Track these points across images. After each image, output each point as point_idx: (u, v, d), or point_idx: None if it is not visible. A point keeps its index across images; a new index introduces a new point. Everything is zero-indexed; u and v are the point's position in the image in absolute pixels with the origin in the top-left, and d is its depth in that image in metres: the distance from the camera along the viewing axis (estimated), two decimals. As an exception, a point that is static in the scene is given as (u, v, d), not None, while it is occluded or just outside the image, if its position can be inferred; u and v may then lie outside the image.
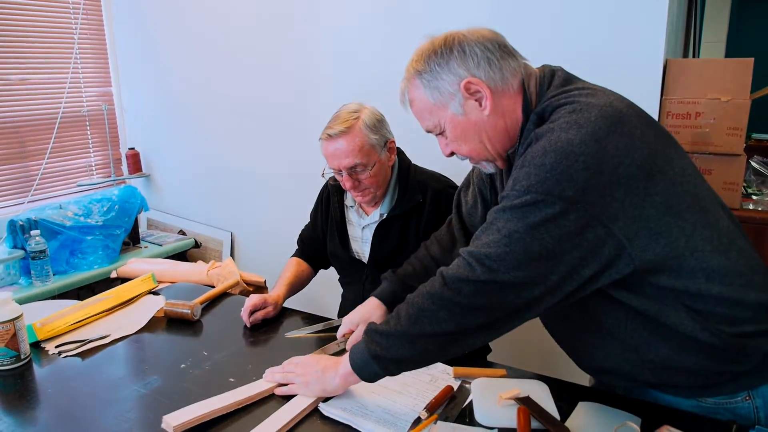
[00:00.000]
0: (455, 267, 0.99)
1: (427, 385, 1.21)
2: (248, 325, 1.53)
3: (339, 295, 1.88)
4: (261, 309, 1.55)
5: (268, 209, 2.92)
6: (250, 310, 1.53)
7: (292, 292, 1.74)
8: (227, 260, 2.03)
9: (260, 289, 1.97)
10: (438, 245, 1.41)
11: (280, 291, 1.67)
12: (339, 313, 1.83)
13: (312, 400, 1.14)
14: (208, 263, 2.03)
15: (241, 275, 1.92)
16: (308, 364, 1.19)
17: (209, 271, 1.97)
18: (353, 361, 1.09)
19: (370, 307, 1.36)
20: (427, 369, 1.27)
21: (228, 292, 1.81)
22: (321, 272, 1.89)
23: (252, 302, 1.54)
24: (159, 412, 1.09)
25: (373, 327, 1.07)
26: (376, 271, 1.63)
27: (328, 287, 2.06)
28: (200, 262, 2.09)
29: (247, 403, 1.15)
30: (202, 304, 1.64)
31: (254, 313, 1.54)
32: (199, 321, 1.58)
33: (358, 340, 1.29)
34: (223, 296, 1.77)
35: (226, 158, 3.00)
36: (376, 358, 1.04)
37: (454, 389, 1.18)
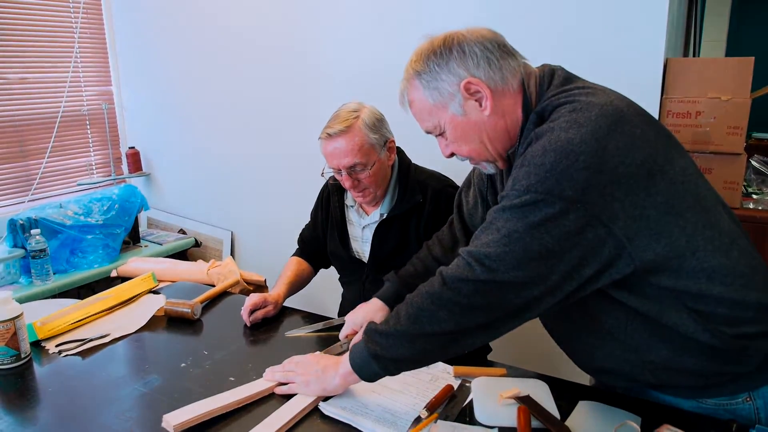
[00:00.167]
0: (455, 267, 0.98)
1: (428, 384, 1.21)
2: (248, 324, 1.53)
3: (339, 295, 1.88)
4: (261, 308, 1.55)
5: (268, 208, 2.92)
6: (250, 309, 1.53)
7: (293, 292, 1.74)
8: (227, 259, 2.03)
9: (260, 288, 1.97)
10: (440, 245, 1.42)
11: (281, 290, 1.67)
12: (339, 313, 1.83)
13: (312, 399, 1.14)
14: (209, 262, 2.03)
15: (241, 274, 1.92)
16: (308, 363, 1.19)
17: (209, 270, 1.97)
18: (353, 361, 1.09)
19: (373, 308, 1.36)
20: (427, 368, 1.27)
21: (228, 291, 1.81)
22: (321, 272, 1.89)
23: (252, 301, 1.54)
24: (159, 411, 1.09)
25: (372, 327, 1.07)
26: (377, 271, 1.63)
27: (328, 287, 2.06)
28: (200, 261, 2.10)
29: (247, 402, 1.15)
30: (202, 303, 1.64)
31: (254, 312, 1.54)
32: (199, 320, 1.59)
33: None
34: (223, 295, 1.77)
35: (227, 157, 3.00)
36: (375, 358, 1.04)
37: (454, 388, 1.18)
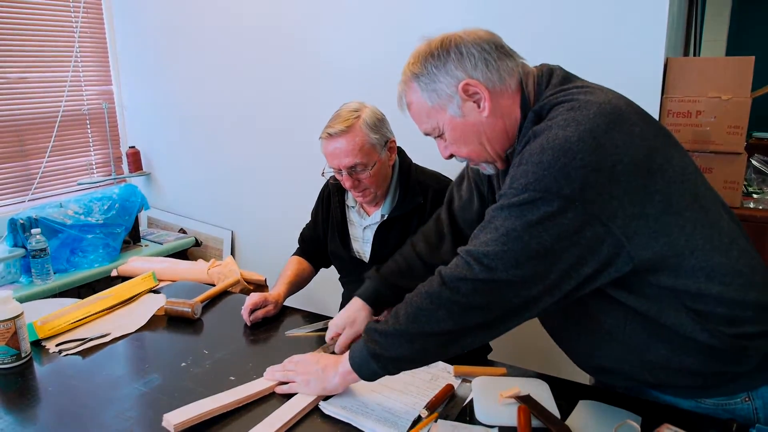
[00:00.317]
0: (453, 266, 0.98)
1: (428, 383, 1.21)
2: (248, 323, 1.53)
3: (339, 294, 1.88)
4: (261, 307, 1.55)
5: (268, 208, 2.92)
6: (251, 308, 1.53)
7: (293, 291, 1.74)
8: (228, 259, 2.03)
9: (261, 287, 1.96)
10: (424, 241, 1.39)
11: (281, 289, 1.67)
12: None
13: (312, 398, 1.14)
14: (209, 262, 2.03)
15: (241, 274, 1.91)
16: (308, 362, 1.19)
17: (210, 269, 1.97)
18: (352, 360, 1.09)
19: (354, 309, 1.34)
20: (427, 367, 1.27)
21: (228, 290, 1.81)
22: (321, 271, 1.89)
23: (252, 301, 1.54)
24: (159, 411, 1.09)
25: (372, 326, 1.07)
26: (377, 271, 1.63)
27: (328, 286, 2.06)
28: (201, 261, 2.09)
29: (248, 402, 1.15)
30: (202, 302, 1.64)
31: (254, 311, 1.54)
32: (199, 319, 1.59)
33: (345, 344, 1.29)
34: (223, 295, 1.77)
35: (227, 157, 3.00)
36: (375, 357, 1.04)
37: (454, 388, 1.18)
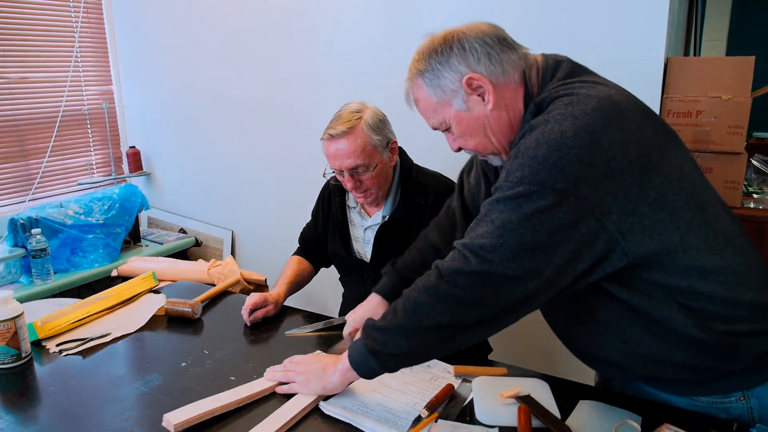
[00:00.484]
0: (450, 259, 0.99)
1: (428, 383, 1.21)
2: (248, 323, 1.53)
3: (340, 294, 1.88)
4: (261, 307, 1.55)
5: (268, 208, 2.92)
6: (251, 308, 1.53)
7: (293, 291, 1.74)
8: (228, 259, 2.03)
9: (261, 287, 1.96)
10: (438, 232, 1.40)
11: (281, 289, 1.67)
12: (340, 312, 1.83)
13: (312, 398, 1.14)
14: (209, 262, 2.03)
15: (241, 273, 1.92)
16: (309, 362, 1.20)
17: (210, 269, 1.97)
18: (351, 358, 1.09)
19: (372, 304, 1.36)
20: (427, 367, 1.27)
21: (229, 290, 1.81)
22: (322, 271, 1.89)
23: (252, 301, 1.54)
24: (160, 411, 1.09)
25: (370, 323, 1.08)
26: (378, 271, 1.63)
27: (328, 286, 2.06)
28: (201, 261, 2.09)
29: (248, 402, 1.15)
30: (202, 302, 1.64)
31: (255, 311, 1.54)
32: (199, 319, 1.59)
33: None
34: (223, 295, 1.77)
35: (227, 156, 3.00)
36: (373, 354, 1.05)
37: (454, 388, 1.18)
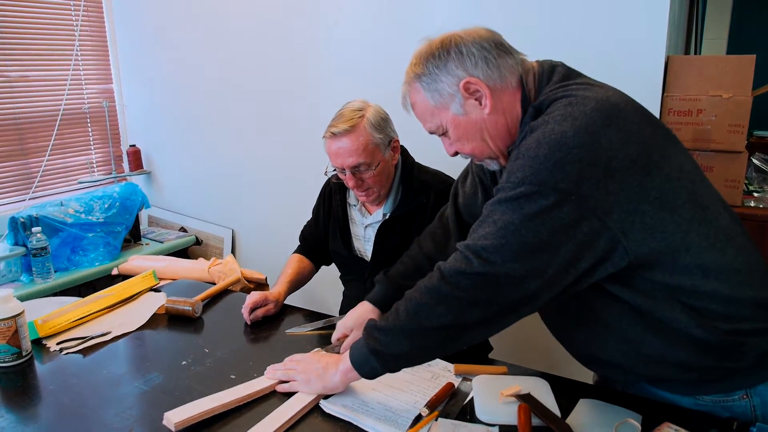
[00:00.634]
0: (452, 261, 0.99)
1: (428, 382, 1.22)
2: (249, 322, 1.53)
3: (340, 293, 1.88)
4: (262, 306, 1.55)
5: (269, 206, 2.92)
6: (251, 307, 1.53)
7: (294, 289, 1.74)
8: (228, 257, 2.03)
9: (261, 286, 1.96)
10: (431, 241, 1.40)
11: (281, 288, 1.66)
12: (340, 311, 1.83)
13: (313, 397, 1.14)
14: (209, 260, 2.03)
15: (242, 272, 1.91)
16: (309, 361, 1.20)
17: (210, 268, 1.97)
18: (353, 358, 1.10)
19: (363, 312, 1.35)
20: (428, 366, 1.27)
21: (229, 289, 1.81)
22: (322, 269, 1.89)
23: (253, 300, 1.54)
24: (160, 409, 1.09)
25: (372, 323, 1.08)
26: (379, 270, 1.63)
27: (329, 285, 2.06)
28: (201, 260, 2.09)
29: (249, 400, 1.15)
30: (203, 301, 1.64)
31: (255, 310, 1.54)
32: (200, 318, 1.59)
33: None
34: (224, 293, 1.77)
35: (227, 155, 3.00)
36: (375, 354, 1.05)
37: (455, 386, 1.18)
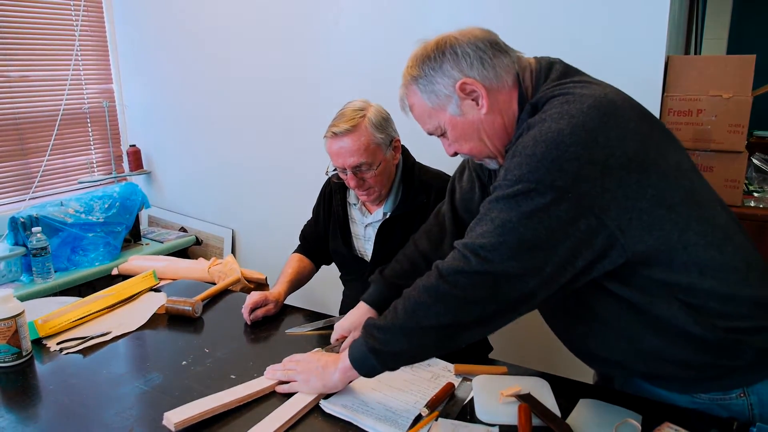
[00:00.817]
0: (450, 259, 0.99)
1: (428, 382, 1.22)
2: (249, 322, 1.53)
3: (340, 293, 1.88)
4: (262, 306, 1.55)
5: (269, 206, 2.92)
6: (251, 307, 1.53)
7: (294, 289, 1.74)
8: (228, 257, 2.03)
9: (261, 286, 1.96)
10: (427, 239, 1.40)
11: (281, 288, 1.66)
12: (340, 311, 1.83)
13: (313, 397, 1.14)
14: (209, 260, 2.03)
15: (242, 272, 1.91)
16: (309, 361, 1.20)
17: (210, 268, 1.97)
18: (352, 356, 1.10)
19: (360, 313, 1.36)
20: (428, 366, 1.27)
21: (229, 289, 1.81)
22: (322, 269, 1.89)
23: (253, 300, 1.54)
24: (160, 409, 1.09)
25: (371, 322, 1.08)
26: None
27: (329, 285, 2.06)
28: (201, 260, 2.09)
29: (248, 401, 1.15)
30: (203, 301, 1.64)
31: (255, 310, 1.53)
32: (200, 318, 1.59)
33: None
34: (224, 293, 1.77)
35: (227, 155, 3.00)
36: (373, 352, 1.05)
37: (455, 386, 1.18)
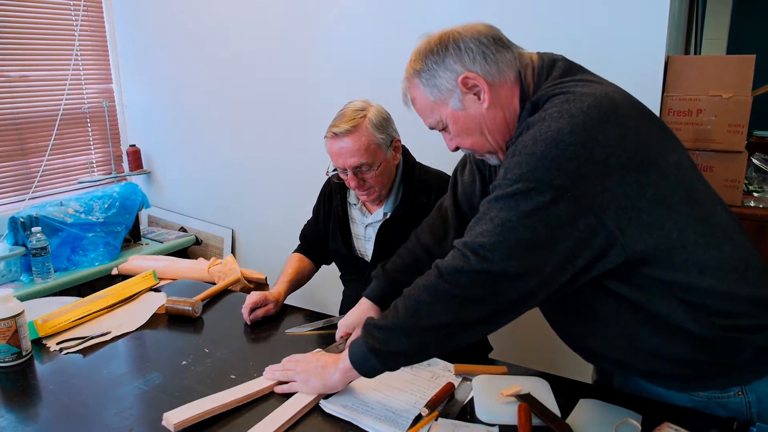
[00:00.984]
0: (450, 258, 0.99)
1: (428, 381, 1.22)
2: (248, 322, 1.53)
3: (340, 293, 1.88)
4: (261, 306, 1.55)
5: (269, 206, 2.92)
6: (251, 307, 1.53)
7: (294, 289, 1.74)
8: (228, 257, 2.03)
9: (261, 286, 1.96)
10: (429, 233, 1.39)
11: (281, 288, 1.66)
12: (340, 311, 1.83)
13: (313, 397, 1.14)
14: (209, 260, 2.03)
15: (241, 272, 1.91)
16: (308, 361, 1.20)
17: (210, 268, 1.97)
18: (352, 356, 1.10)
19: (363, 309, 1.35)
20: (428, 366, 1.27)
21: (229, 289, 1.81)
22: (322, 269, 1.89)
23: (252, 300, 1.54)
24: (160, 409, 1.09)
25: (371, 322, 1.08)
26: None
27: (329, 285, 2.06)
28: (201, 259, 2.09)
29: (248, 401, 1.15)
30: (203, 301, 1.64)
31: (255, 310, 1.53)
32: (200, 318, 1.59)
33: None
34: (224, 293, 1.77)
35: (227, 155, 3.00)
36: (374, 352, 1.05)
37: (455, 386, 1.18)
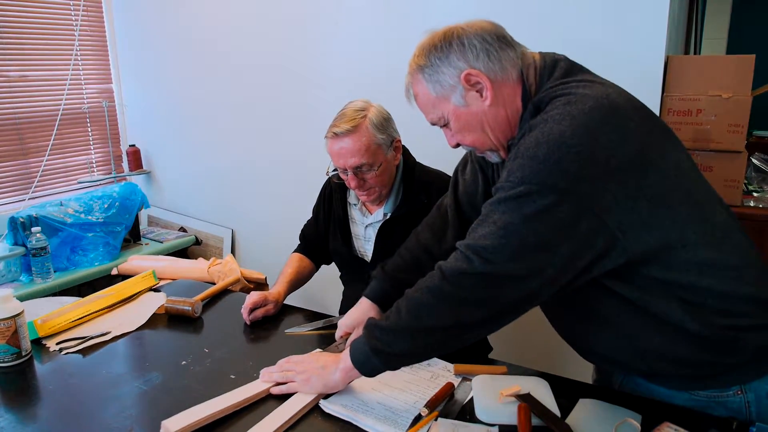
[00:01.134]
0: (453, 260, 1.00)
1: (428, 381, 1.22)
2: (248, 322, 1.52)
3: (340, 293, 1.88)
4: (261, 306, 1.55)
5: (268, 206, 2.92)
6: (250, 307, 1.53)
7: (293, 289, 1.74)
8: (228, 257, 2.02)
9: (261, 286, 1.96)
10: (429, 231, 1.38)
11: (281, 288, 1.66)
12: (340, 311, 1.83)
13: (312, 396, 1.14)
14: (209, 260, 2.03)
15: (241, 272, 1.91)
16: (308, 361, 1.19)
17: (210, 268, 1.97)
18: (354, 356, 1.10)
19: (363, 309, 1.34)
20: (428, 366, 1.28)
21: (229, 289, 1.81)
22: (322, 269, 1.89)
23: (252, 300, 1.54)
24: (160, 409, 1.09)
25: (373, 322, 1.08)
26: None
27: (329, 285, 2.06)
28: (201, 259, 2.09)
29: (247, 404, 1.14)
30: (202, 301, 1.64)
31: (254, 310, 1.53)
32: (199, 318, 1.59)
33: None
34: (223, 293, 1.77)
35: (227, 155, 3.00)
36: (376, 353, 1.05)
37: (454, 386, 1.18)
